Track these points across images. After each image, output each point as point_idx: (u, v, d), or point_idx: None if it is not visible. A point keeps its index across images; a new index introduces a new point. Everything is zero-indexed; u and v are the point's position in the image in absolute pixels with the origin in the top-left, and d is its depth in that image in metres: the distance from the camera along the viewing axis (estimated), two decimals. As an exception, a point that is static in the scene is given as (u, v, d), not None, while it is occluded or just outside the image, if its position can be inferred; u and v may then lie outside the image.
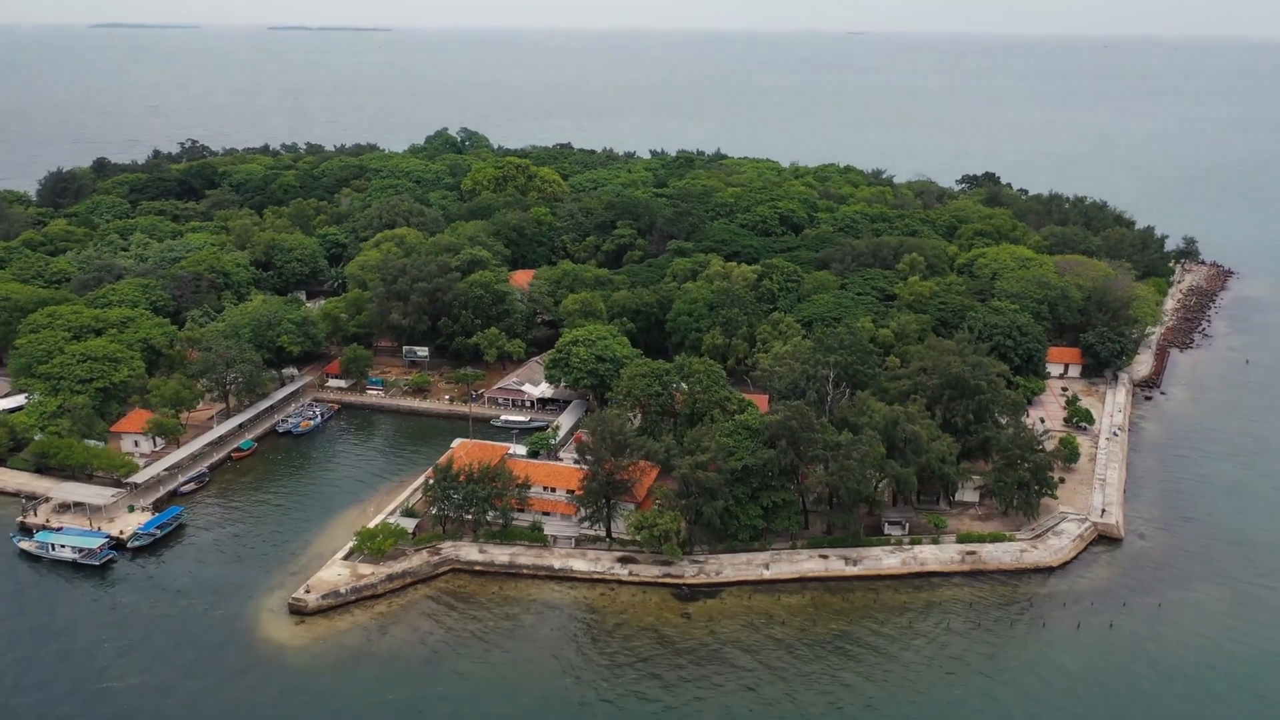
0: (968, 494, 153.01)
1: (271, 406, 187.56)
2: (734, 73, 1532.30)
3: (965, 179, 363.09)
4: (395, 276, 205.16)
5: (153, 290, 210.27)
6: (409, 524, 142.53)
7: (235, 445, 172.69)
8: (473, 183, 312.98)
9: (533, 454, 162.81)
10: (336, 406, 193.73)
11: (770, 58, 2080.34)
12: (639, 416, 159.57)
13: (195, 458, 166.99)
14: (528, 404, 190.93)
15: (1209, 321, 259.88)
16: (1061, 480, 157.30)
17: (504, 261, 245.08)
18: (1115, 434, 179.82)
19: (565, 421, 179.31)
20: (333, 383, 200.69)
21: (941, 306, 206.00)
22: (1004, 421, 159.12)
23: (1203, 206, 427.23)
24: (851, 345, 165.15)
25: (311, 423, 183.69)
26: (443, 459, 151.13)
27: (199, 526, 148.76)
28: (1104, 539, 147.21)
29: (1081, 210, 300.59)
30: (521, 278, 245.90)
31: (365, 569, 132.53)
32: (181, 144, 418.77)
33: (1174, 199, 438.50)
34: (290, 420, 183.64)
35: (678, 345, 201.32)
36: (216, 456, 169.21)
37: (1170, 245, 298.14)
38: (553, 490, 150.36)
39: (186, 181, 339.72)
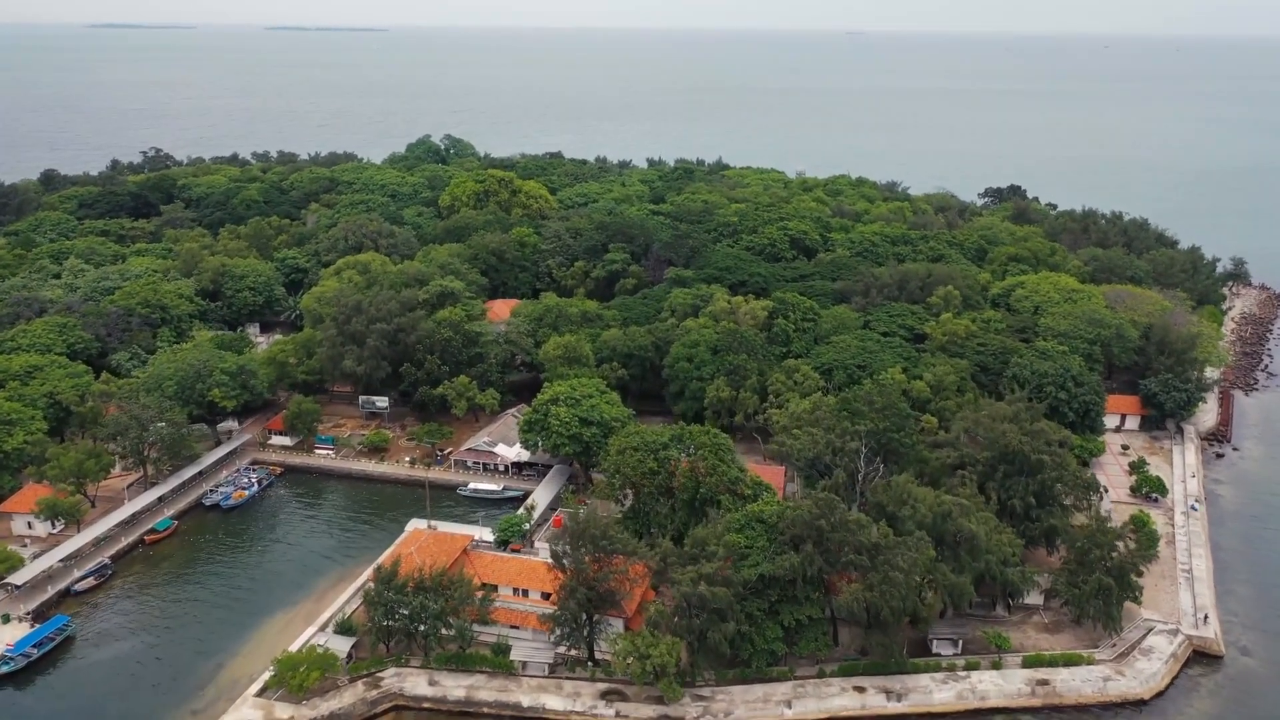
0: (1031, 595, 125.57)
1: (202, 472, 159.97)
2: (732, 73, 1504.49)
3: (989, 192, 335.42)
4: (349, 315, 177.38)
5: (71, 331, 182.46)
6: (343, 645, 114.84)
7: (149, 526, 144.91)
8: (451, 198, 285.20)
9: (502, 542, 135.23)
10: (279, 470, 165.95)
11: (768, 57, 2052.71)
12: (630, 496, 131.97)
13: (100, 542, 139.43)
14: (501, 468, 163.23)
15: (1270, 356, 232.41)
16: (1140, 573, 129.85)
17: (480, 291, 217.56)
18: (1193, 507, 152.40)
19: (543, 495, 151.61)
20: (276, 440, 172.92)
21: (980, 349, 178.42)
22: (1070, 502, 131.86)
23: (1235, 217, 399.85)
24: (885, 408, 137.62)
25: (246, 492, 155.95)
26: (387, 557, 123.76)
27: (89, 641, 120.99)
28: (1200, 655, 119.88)
29: (1120, 229, 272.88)
30: (501, 309, 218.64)
31: (283, 712, 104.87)
32: (144, 152, 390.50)
33: (1207, 210, 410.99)
34: (220, 490, 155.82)
35: (676, 395, 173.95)
36: (126, 541, 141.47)
37: (1217, 265, 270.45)
38: (524, 594, 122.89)
39: (142, 195, 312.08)
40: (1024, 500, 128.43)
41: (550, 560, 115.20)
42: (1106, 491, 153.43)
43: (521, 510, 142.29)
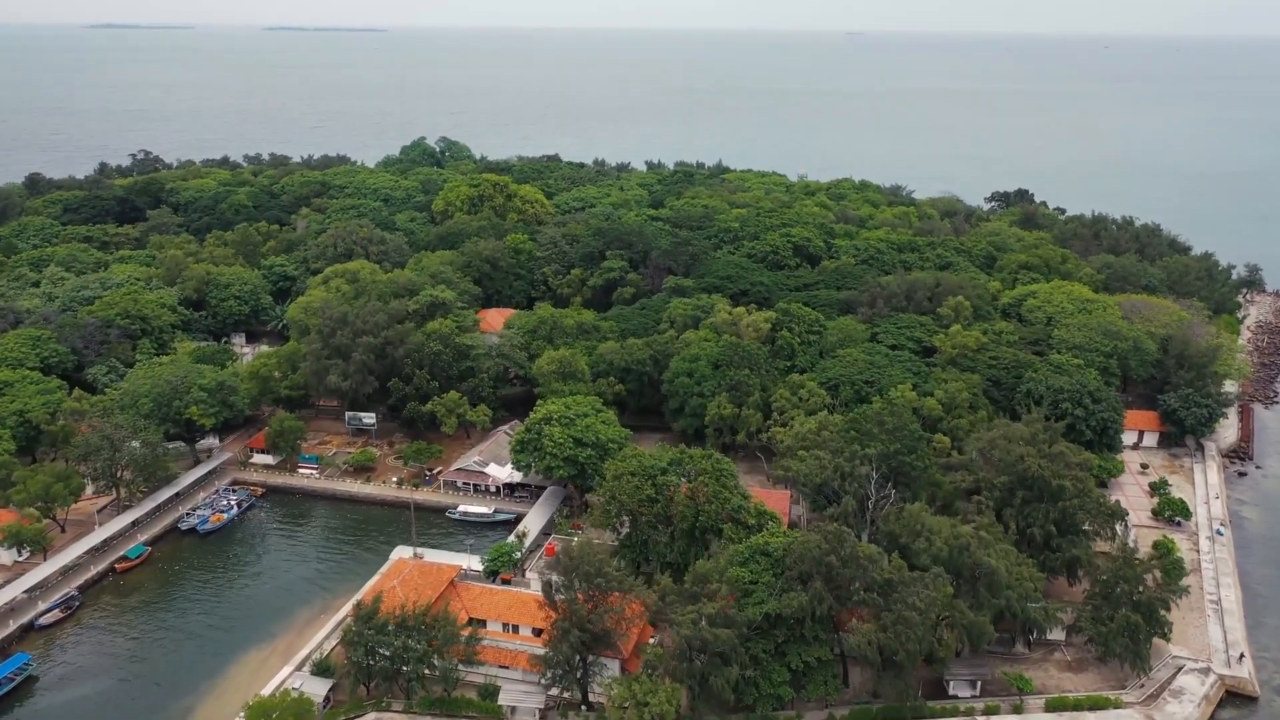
0: (1054, 631, 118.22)
1: (178, 494, 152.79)
2: (731, 74, 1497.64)
3: (995, 196, 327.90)
4: (334, 328, 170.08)
5: (45, 344, 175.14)
6: (320, 687, 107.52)
7: (121, 553, 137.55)
8: (444, 203, 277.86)
9: (491, 573, 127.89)
10: (260, 491, 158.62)
11: (767, 59, 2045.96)
12: (626, 524, 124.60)
13: (68, 571, 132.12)
14: (492, 490, 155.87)
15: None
16: (1169, 608, 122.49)
17: (473, 301, 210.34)
18: (1219, 532, 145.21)
19: (536, 519, 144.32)
20: (258, 459, 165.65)
21: (993, 363, 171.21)
22: (1092, 528, 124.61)
23: (1244, 221, 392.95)
24: (896, 430, 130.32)
25: (225, 515, 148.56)
26: (367, 592, 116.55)
27: (50, 681, 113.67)
28: (1233, 695, 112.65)
29: (1132, 234, 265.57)
30: (495, 318, 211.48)
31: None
32: (133, 155, 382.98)
33: (1216, 214, 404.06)
34: (197, 514, 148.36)
35: (675, 411, 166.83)
36: (95, 570, 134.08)
37: (1232, 271, 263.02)
38: (515, 629, 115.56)
39: (129, 200, 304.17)
40: (1044, 529, 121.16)
41: (542, 593, 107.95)
42: (1128, 515, 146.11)
43: (512, 538, 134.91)
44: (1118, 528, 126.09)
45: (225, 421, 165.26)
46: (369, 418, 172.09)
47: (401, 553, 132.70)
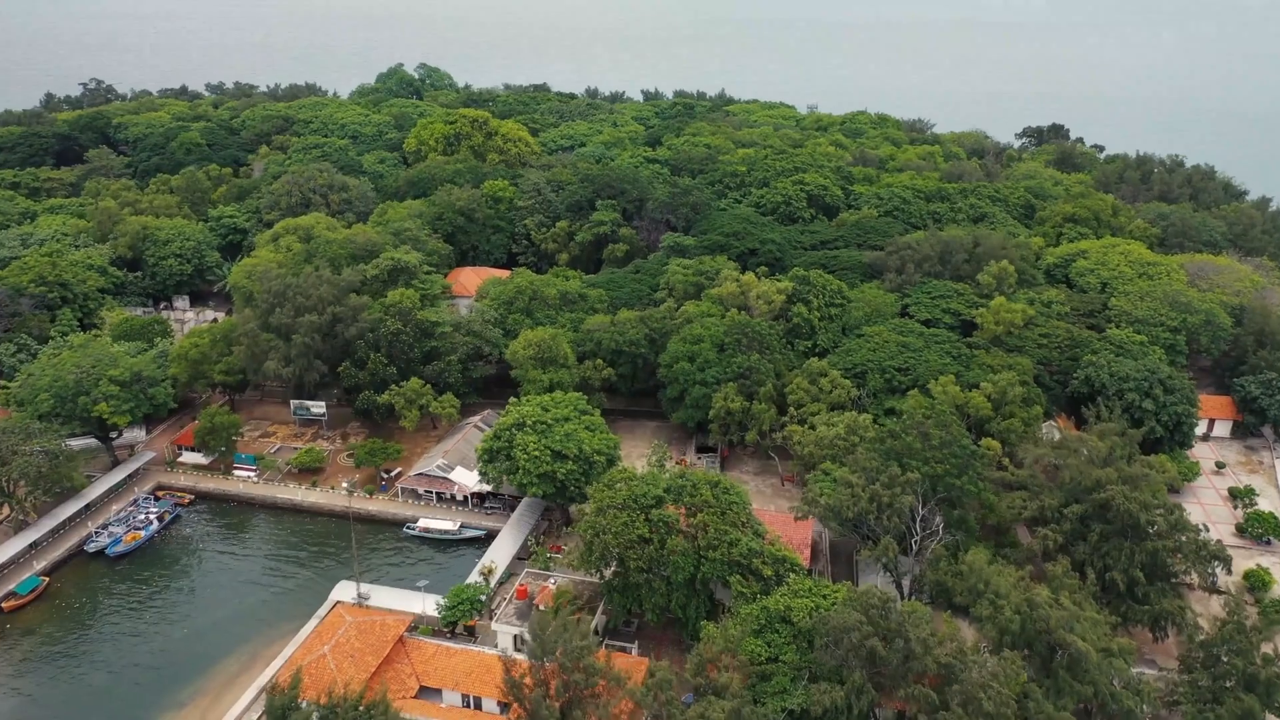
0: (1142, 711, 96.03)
1: (89, 506, 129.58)
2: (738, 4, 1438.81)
3: (1027, 132, 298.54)
4: (273, 304, 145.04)
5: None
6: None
7: (9, 588, 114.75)
8: (417, 143, 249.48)
9: (450, 623, 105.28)
10: (187, 499, 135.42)
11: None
12: (612, 565, 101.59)
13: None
14: (459, 499, 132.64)
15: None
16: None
17: (443, 263, 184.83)
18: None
19: (508, 541, 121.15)
20: (187, 457, 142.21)
21: (1043, 341, 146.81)
22: (1184, 569, 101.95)
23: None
24: (944, 445, 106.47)
25: (142, 533, 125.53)
26: (283, 673, 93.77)
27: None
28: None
29: (1183, 177, 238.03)
30: (469, 279, 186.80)
31: None
32: (83, 84, 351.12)
33: (1266, 154, 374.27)
34: (108, 532, 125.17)
35: (674, 400, 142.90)
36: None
37: None
38: (476, 704, 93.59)
39: (72, 138, 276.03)
40: (1128, 574, 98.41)
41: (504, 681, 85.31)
42: (1208, 530, 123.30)
43: (477, 575, 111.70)
44: (1217, 570, 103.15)
45: (150, 412, 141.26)
46: (318, 407, 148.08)
47: (343, 592, 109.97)
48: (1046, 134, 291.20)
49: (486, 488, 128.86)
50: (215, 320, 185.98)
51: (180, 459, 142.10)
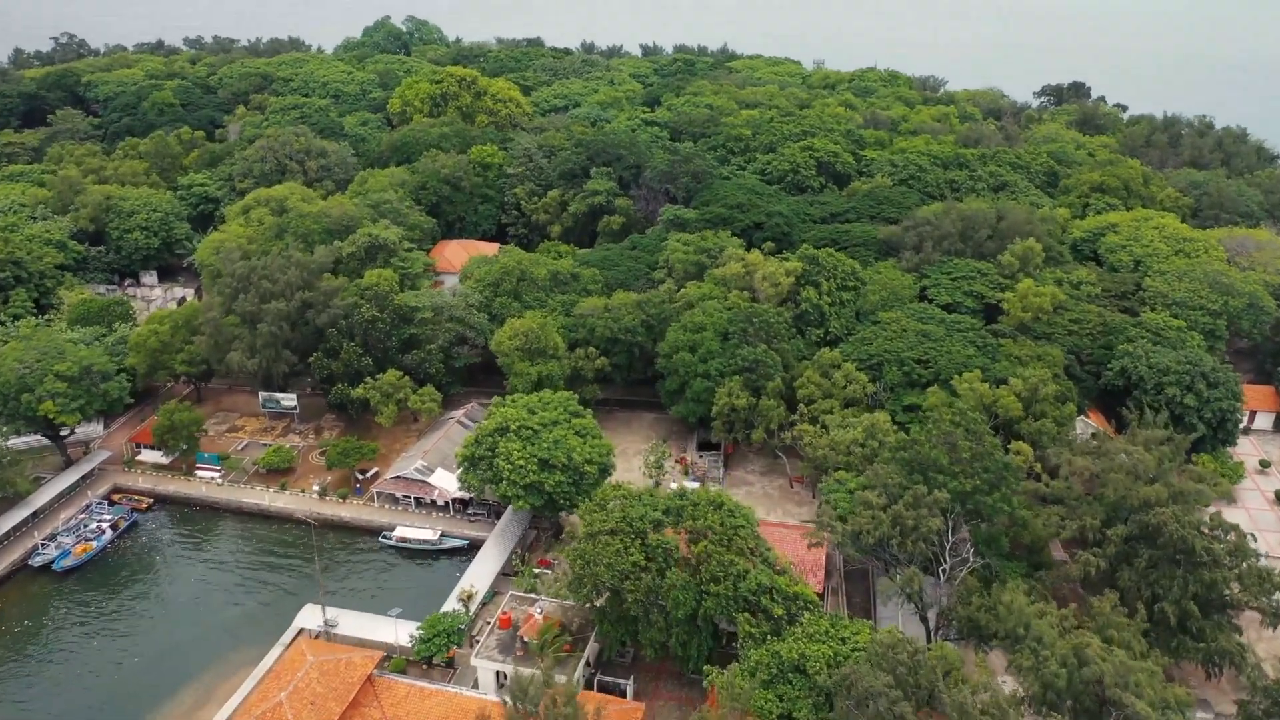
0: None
1: (37, 513, 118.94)
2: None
3: (1046, 90, 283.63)
4: (236, 289, 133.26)
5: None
6: None
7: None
8: (402, 103, 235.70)
9: (426, 658, 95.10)
10: (145, 503, 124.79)
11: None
12: (602, 598, 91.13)
13: None
14: (441, 504, 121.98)
15: None
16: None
17: (426, 237, 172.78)
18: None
19: (492, 555, 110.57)
20: (147, 455, 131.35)
21: (1074, 328, 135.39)
22: (1242, 600, 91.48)
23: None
24: (976, 459, 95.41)
25: (93, 544, 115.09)
26: (243, 709, 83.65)
27: None
28: None
29: (1213, 141, 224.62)
30: (455, 253, 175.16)
31: None
32: (54, 39, 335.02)
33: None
34: (56, 544, 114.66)
35: (674, 393, 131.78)
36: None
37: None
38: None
39: (39, 97, 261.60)
40: (1180, 606, 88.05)
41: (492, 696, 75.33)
42: (1255, 540, 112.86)
43: (455, 602, 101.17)
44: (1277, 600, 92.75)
45: (104, 409, 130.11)
46: (288, 399, 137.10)
47: (308, 618, 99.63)
48: (1066, 93, 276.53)
49: (469, 494, 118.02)
50: (183, 300, 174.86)
51: (139, 457, 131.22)
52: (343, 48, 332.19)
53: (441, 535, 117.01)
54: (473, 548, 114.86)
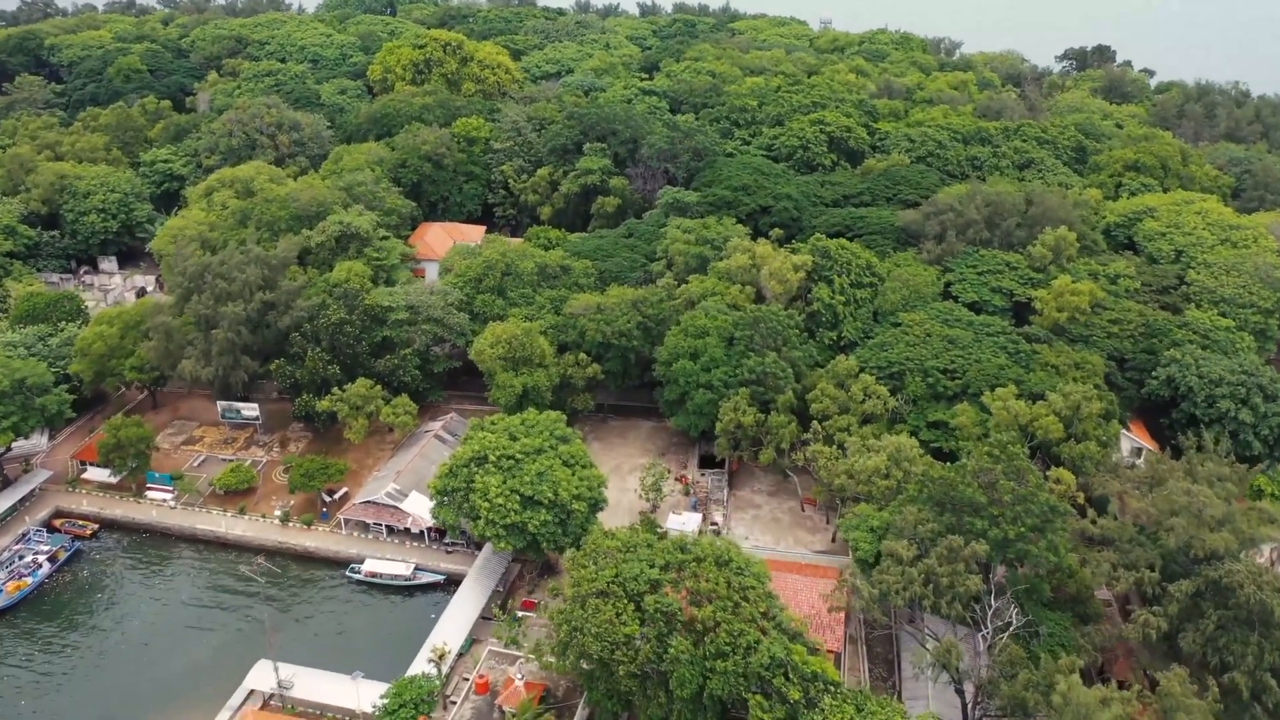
0: None
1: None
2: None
3: (1069, 54, 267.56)
4: (189, 289, 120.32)
5: None
6: None
7: None
8: (383, 70, 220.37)
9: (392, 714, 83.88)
10: (89, 530, 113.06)
11: None
12: (592, 664, 79.54)
13: None
14: (415, 532, 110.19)
15: None
16: None
17: (404, 222, 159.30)
18: None
19: (470, 597, 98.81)
20: (92, 474, 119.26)
21: (1113, 330, 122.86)
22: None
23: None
24: (1019, 501, 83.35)
25: (28, 579, 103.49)
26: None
27: None
28: None
29: (1251, 111, 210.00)
30: (438, 239, 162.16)
31: None
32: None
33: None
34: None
35: (673, 403, 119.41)
36: None
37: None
38: None
39: (1, 62, 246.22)
40: (1254, 678, 76.63)
41: None
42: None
43: (425, 664, 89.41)
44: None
45: (42, 423, 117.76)
46: (250, 409, 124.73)
47: (259, 678, 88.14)
48: (1090, 57, 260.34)
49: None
50: (144, 291, 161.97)
51: (84, 476, 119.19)
52: (325, 7, 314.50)
53: (415, 569, 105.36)
54: (450, 583, 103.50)
